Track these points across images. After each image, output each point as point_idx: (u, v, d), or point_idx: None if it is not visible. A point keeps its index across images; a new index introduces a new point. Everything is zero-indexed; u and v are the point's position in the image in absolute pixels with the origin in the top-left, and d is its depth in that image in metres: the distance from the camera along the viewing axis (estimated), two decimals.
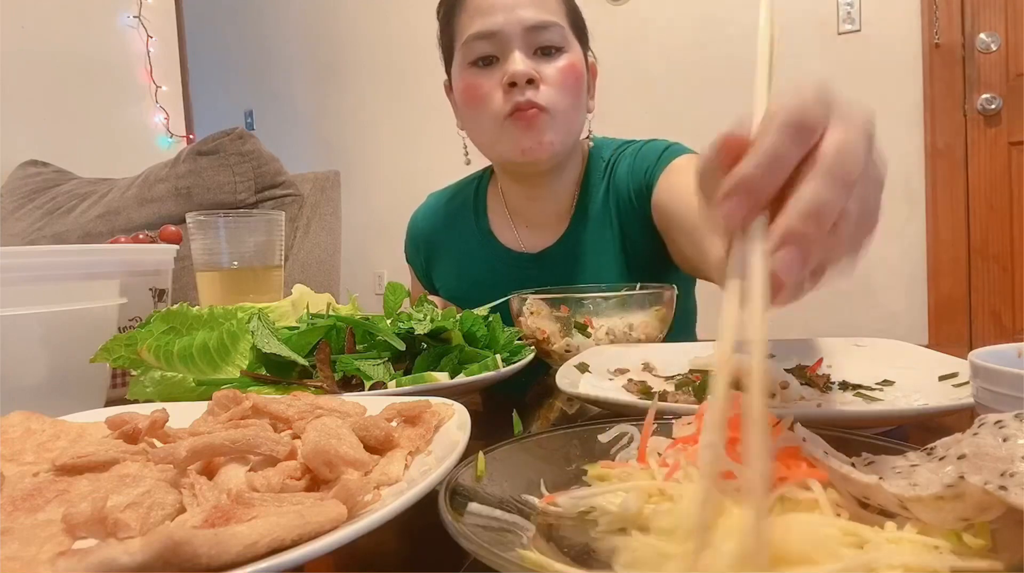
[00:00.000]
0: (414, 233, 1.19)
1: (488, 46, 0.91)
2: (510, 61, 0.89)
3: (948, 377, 0.55)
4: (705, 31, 2.73)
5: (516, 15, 0.89)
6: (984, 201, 2.39)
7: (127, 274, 0.68)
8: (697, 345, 0.75)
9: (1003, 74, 2.34)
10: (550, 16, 0.91)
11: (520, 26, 0.89)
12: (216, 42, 3.97)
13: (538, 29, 0.89)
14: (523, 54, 0.89)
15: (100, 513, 0.27)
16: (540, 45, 0.90)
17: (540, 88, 0.90)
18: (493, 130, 0.94)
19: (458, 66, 0.95)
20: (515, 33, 0.89)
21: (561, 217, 1.04)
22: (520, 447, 0.38)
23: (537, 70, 0.90)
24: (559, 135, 0.93)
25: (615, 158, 1.04)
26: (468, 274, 1.09)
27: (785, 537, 0.26)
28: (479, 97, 0.92)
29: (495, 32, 0.89)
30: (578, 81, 0.93)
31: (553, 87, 0.90)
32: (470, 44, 0.91)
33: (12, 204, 2.17)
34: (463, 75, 0.94)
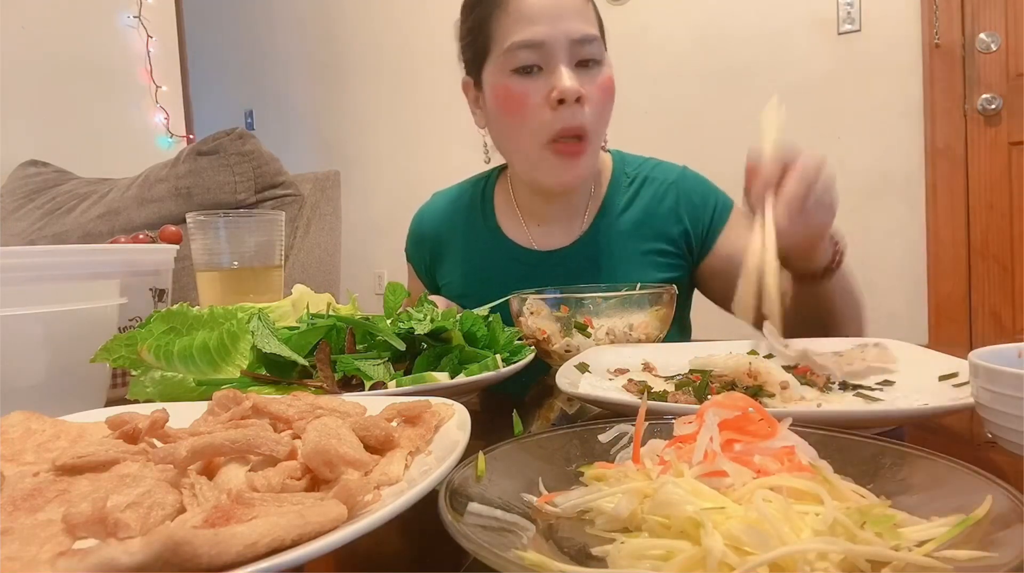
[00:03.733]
0: (418, 230, 1.18)
1: (533, 56, 0.90)
2: (558, 75, 0.89)
3: (948, 377, 0.55)
4: (705, 31, 2.73)
5: (563, 27, 0.89)
6: (984, 201, 2.39)
7: (127, 274, 0.68)
8: (697, 345, 0.75)
9: (1003, 74, 2.34)
10: (592, 29, 0.92)
11: (567, 38, 0.89)
12: (216, 42, 3.98)
13: (583, 42, 0.90)
14: (569, 68, 0.90)
15: (100, 513, 0.27)
16: (582, 58, 0.91)
17: (585, 108, 0.91)
18: (532, 152, 0.95)
19: (497, 70, 0.94)
20: (561, 45, 0.89)
21: (574, 217, 1.05)
22: (520, 447, 0.38)
23: (584, 87, 0.90)
24: (593, 159, 0.97)
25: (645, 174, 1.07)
26: (476, 272, 1.09)
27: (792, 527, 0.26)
28: (522, 108, 0.92)
29: (542, 42, 0.89)
30: (612, 96, 0.95)
31: (595, 106, 0.92)
32: (514, 52, 0.91)
33: (12, 204, 2.17)
34: (504, 81, 0.93)
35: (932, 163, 2.43)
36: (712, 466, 0.31)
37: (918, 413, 0.46)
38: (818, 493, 0.29)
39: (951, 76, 2.39)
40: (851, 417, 0.46)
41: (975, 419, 0.44)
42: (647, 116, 2.82)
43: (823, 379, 0.58)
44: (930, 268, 2.46)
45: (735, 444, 0.33)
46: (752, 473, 0.31)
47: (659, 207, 1.04)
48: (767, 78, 2.63)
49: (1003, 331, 2.36)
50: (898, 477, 0.33)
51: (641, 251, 1.02)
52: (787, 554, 0.25)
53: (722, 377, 0.59)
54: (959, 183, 2.41)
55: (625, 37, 2.81)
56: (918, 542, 0.27)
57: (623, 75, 3.20)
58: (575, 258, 1.04)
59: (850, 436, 0.36)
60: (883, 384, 0.58)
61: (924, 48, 2.41)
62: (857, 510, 0.28)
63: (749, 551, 0.26)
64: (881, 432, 0.48)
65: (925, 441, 0.48)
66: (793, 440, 0.34)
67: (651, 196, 1.04)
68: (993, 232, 2.38)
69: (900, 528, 0.28)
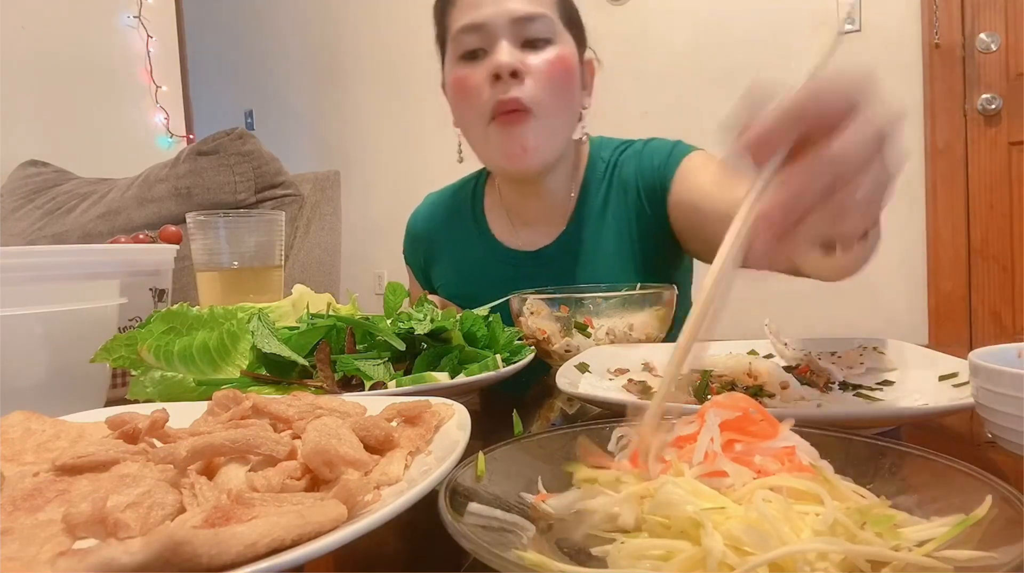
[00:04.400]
0: (413, 233, 1.19)
1: (476, 39, 0.90)
2: (495, 51, 0.89)
3: (948, 377, 0.55)
4: (705, 31, 2.73)
5: (504, 7, 0.89)
6: (984, 201, 2.39)
7: (127, 274, 0.68)
8: (697, 345, 0.75)
9: (1003, 74, 2.34)
10: (538, 8, 0.90)
11: (507, 17, 0.89)
12: (216, 42, 3.97)
13: (526, 20, 0.89)
14: (510, 46, 0.89)
15: (100, 513, 0.27)
16: (528, 37, 0.90)
17: (525, 82, 0.89)
18: (480, 133, 0.94)
19: (449, 61, 0.96)
20: (502, 24, 0.89)
21: (559, 216, 1.04)
22: (520, 447, 0.38)
23: (523, 62, 0.89)
24: (545, 138, 0.92)
25: (616, 158, 1.04)
26: (467, 273, 1.10)
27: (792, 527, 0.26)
28: (466, 90, 0.92)
29: (482, 24, 0.89)
30: (567, 75, 0.92)
31: (539, 82, 0.89)
32: (459, 37, 0.92)
33: (12, 204, 2.17)
34: (454, 69, 0.94)
35: (932, 163, 2.43)
36: (712, 466, 0.31)
37: (918, 413, 0.46)
38: (818, 493, 0.29)
39: (951, 76, 2.39)
40: (851, 417, 0.46)
41: (975, 419, 0.44)
42: (647, 116, 2.82)
43: (823, 379, 0.58)
44: (930, 268, 2.46)
45: (736, 444, 0.33)
46: (752, 473, 0.31)
47: (627, 190, 1.01)
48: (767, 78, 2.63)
49: (1003, 331, 2.36)
50: (898, 477, 0.33)
51: (621, 240, 1.01)
52: (787, 554, 0.25)
53: (722, 377, 0.59)
54: (959, 183, 2.41)
55: (625, 37, 2.81)
56: (918, 542, 0.27)
57: (623, 75, 3.19)
58: (559, 257, 1.03)
59: (850, 436, 0.36)
60: (883, 384, 0.58)
61: (924, 48, 2.41)
62: (857, 510, 0.28)
63: (749, 551, 0.26)
64: (881, 432, 0.48)
65: (925, 441, 0.48)
66: (793, 440, 0.34)
67: (620, 182, 1.02)
68: (993, 232, 2.38)
69: (900, 528, 0.28)
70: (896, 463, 0.34)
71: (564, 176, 1.03)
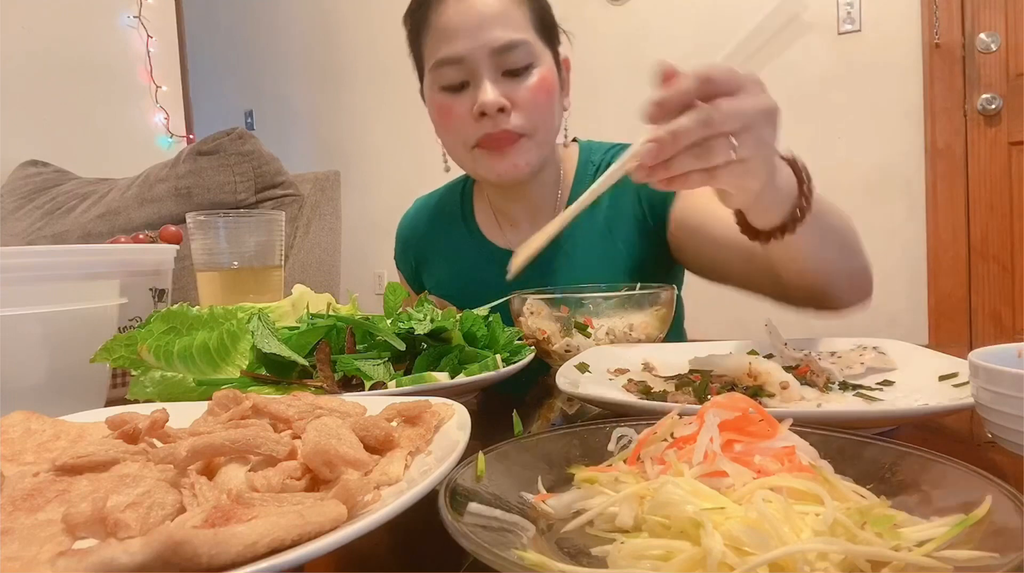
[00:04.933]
0: (403, 237, 1.20)
1: (456, 73, 0.90)
2: (480, 90, 0.89)
3: (948, 377, 0.55)
4: (705, 31, 2.73)
5: (482, 39, 0.87)
6: (984, 201, 2.39)
7: (127, 274, 0.68)
8: (697, 345, 0.75)
9: (1003, 74, 2.34)
10: (516, 34, 0.89)
11: (487, 50, 0.88)
12: (216, 42, 3.97)
13: (504, 52, 0.88)
14: (492, 78, 0.89)
15: (100, 513, 0.27)
16: (508, 67, 0.89)
17: (512, 115, 0.90)
18: (465, 156, 0.96)
19: (429, 86, 0.95)
20: (482, 57, 0.88)
21: (546, 215, 1.04)
22: (520, 447, 0.38)
23: (508, 95, 0.89)
24: (535, 154, 0.94)
25: (609, 160, 1.04)
26: (458, 273, 1.10)
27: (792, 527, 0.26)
28: (450, 120, 0.93)
29: (462, 58, 0.88)
30: (550, 94, 0.93)
31: (525, 109, 0.90)
32: (439, 70, 0.91)
33: (12, 204, 2.17)
34: (435, 96, 0.94)
35: (932, 163, 2.43)
36: (712, 466, 0.31)
37: (918, 413, 0.46)
38: (818, 493, 0.29)
39: (951, 76, 2.39)
40: (851, 417, 0.46)
41: (975, 419, 0.44)
42: None
43: (823, 379, 0.58)
44: (930, 268, 2.46)
45: (735, 444, 0.33)
46: (752, 473, 0.31)
47: (621, 191, 1.01)
48: (767, 78, 2.63)
49: (1003, 331, 2.36)
50: (898, 477, 0.33)
51: (612, 239, 1.01)
52: (787, 554, 0.25)
53: (722, 377, 0.59)
54: (959, 183, 2.41)
55: (625, 37, 2.81)
56: (918, 542, 0.27)
57: (623, 75, 3.20)
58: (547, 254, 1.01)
59: (850, 436, 0.36)
60: (883, 384, 0.58)
61: (924, 48, 2.41)
62: (857, 510, 0.28)
63: (749, 551, 0.26)
64: (881, 432, 0.48)
65: (925, 441, 0.48)
66: (793, 440, 0.34)
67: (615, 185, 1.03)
68: (993, 232, 2.38)
69: (900, 528, 0.28)
70: (896, 463, 0.34)
71: (548, 178, 1.04)
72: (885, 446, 0.35)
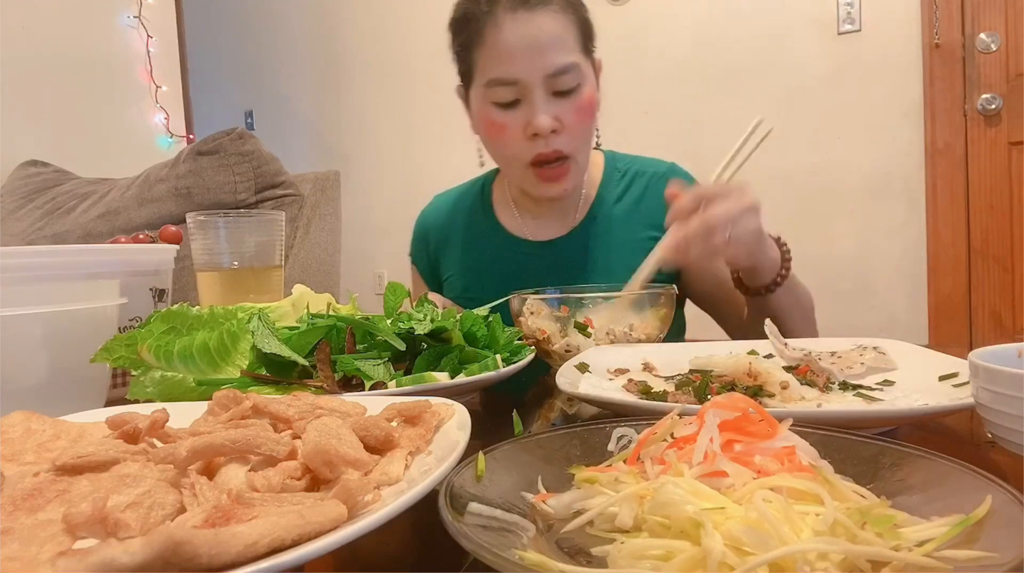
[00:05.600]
0: (422, 230, 1.21)
1: (509, 92, 0.94)
2: (533, 111, 0.93)
3: (948, 377, 0.55)
4: (705, 31, 2.73)
5: (538, 63, 0.92)
6: (984, 201, 2.39)
7: (127, 274, 0.68)
8: (697, 345, 0.75)
9: (1003, 74, 2.34)
10: (568, 57, 0.93)
11: (541, 74, 0.92)
12: (216, 42, 3.97)
13: (558, 75, 0.93)
14: (544, 99, 0.93)
15: (100, 513, 0.27)
16: (558, 89, 0.94)
17: (562, 135, 0.95)
18: (516, 171, 1.00)
19: (479, 98, 0.98)
20: (536, 81, 0.92)
21: (567, 211, 1.09)
22: (520, 447, 0.38)
23: (558, 116, 0.94)
24: (579, 176, 1.02)
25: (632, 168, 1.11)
26: (476, 264, 1.13)
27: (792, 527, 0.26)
28: (502, 136, 0.97)
29: (517, 80, 0.93)
30: (593, 113, 0.98)
31: (574, 130, 0.96)
32: (492, 87, 0.95)
33: (12, 204, 2.17)
34: (486, 111, 0.97)
35: (932, 163, 2.43)
36: (712, 466, 0.31)
37: (918, 413, 0.46)
38: (818, 493, 0.29)
39: (951, 76, 2.39)
40: (851, 417, 0.46)
41: (975, 419, 0.44)
42: (647, 117, 2.82)
43: (823, 379, 0.58)
44: (930, 268, 2.46)
45: (735, 444, 0.33)
46: (752, 473, 0.31)
47: (650, 197, 1.08)
48: (767, 78, 2.63)
49: (1003, 331, 2.36)
50: (898, 477, 0.33)
51: (634, 239, 1.05)
52: (787, 554, 0.25)
53: (722, 377, 0.59)
54: (959, 183, 2.41)
55: (625, 38, 2.81)
56: (918, 542, 0.27)
57: (623, 76, 3.20)
58: (570, 248, 1.07)
59: (850, 436, 0.36)
60: (883, 384, 0.58)
61: (924, 48, 2.41)
62: (857, 510, 0.28)
63: (749, 551, 0.26)
64: (881, 432, 0.48)
65: (925, 441, 0.48)
66: (793, 440, 0.34)
67: (643, 187, 1.09)
68: (993, 232, 2.38)
69: (900, 528, 0.28)
70: (896, 463, 0.34)
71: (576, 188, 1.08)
72: (885, 446, 0.35)
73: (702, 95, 2.75)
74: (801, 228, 2.48)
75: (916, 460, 0.33)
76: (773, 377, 0.55)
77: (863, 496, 0.31)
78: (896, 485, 0.33)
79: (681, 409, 0.39)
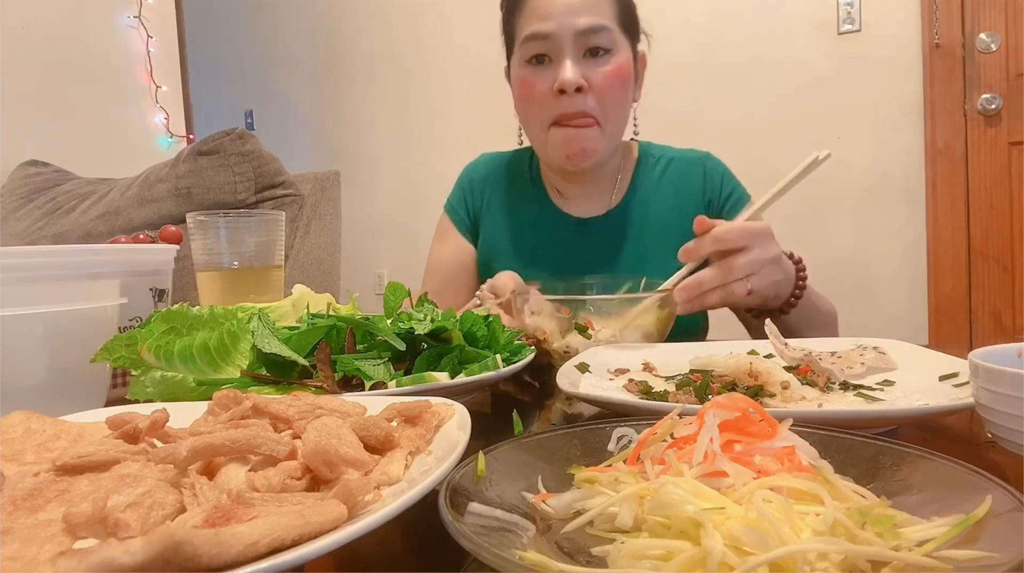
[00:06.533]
0: (469, 181, 1.23)
1: (541, 46, 0.99)
2: (561, 67, 0.97)
3: (948, 377, 0.55)
4: (705, 31, 2.73)
5: (569, 20, 0.96)
6: (984, 201, 2.39)
7: (127, 274, 0.68)
8: (697, 345, 0.75)
9: (1003, 74, 2.34)
10: (601, 20, 0.98)
11: (572, 30, 0.96)
12: (216, 42, 3.97)
13: (588, 33, 0.97)
14: (574, 58, 0.97)
15: (100, 513, 0.27)
16: (589, 47, 0.98)
17: (588, 95, 0.97)
18: (540, 132, 1.03)
19: (516, 62, 1.04)
20: (567, 36, 0.97)
21: (604, 193, 1.13)
22: (520, 447, 0.38)
23: (586, 76, 0.97)
24: (604, 142, 1.02)
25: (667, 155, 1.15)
26: (518, 226, 1.15)
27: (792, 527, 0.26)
28: (531, 94, 1.01)
29: (549, 34, 0.97)
30: (625, 82, 1.01)
31: (601, 93, 0.98)
32: (527, 44, 1.00)
33: (12, 204, 2.17)
34: (520, 70, 1.03)
35: (932, 163, 2.43)
36: (712, 466, 0.31)
37: (918, 413, 0.46)
38: (818, 493, 0.29)
39: (951, 76, 2.39)
40: (851, 417, 0.46)
41: (975, 419, 0.44)
42: (647, 117, 2.79)
43: (824, 379, 0.58)
44: (930, 268, 2.46)
45: (735, 444, 0.33)
46: (752, 473, 0.31)
47: (687, 181, 1.12)
48: (767, 78, 2.63)
49: (1003, 331, 2.36)
50: (898, 477, 0.33)
51: (668, 223, 1.09)
52: (787, 554, 0.25)
53: (723, 377, 0.59)
54: (959, 183, 2.41)
55: None
56: (918, 542, 0.27)
57: None
58: (610, 227, 1.11)
59: (850, 436, 0.36)
60: (883, 384, 0.58)
61: (924, 48, 2.41)
62: (857, 510, 0.28)
63: (749, 551, 0.26)
64: (881, 432, 0.48)
65: (925, 441, 0.48)
66: (793, 440, 0.34)
67: (680, 172, 1.13)
68: (993, 232, 2.38)
69: (900, 528, 0.28)
70: (896, 463, 0.34)
71: (611, 167, 1.12)
72: (885, 446, 0.35)
73: (702, 95, 2.75)
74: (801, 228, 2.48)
75: (916, 460, 0.33)
76: (774, 377, 0.55)
77: (863, 496, 0.31)
78: (896, 485, 0.33)
79: (681, 409, 0.39)
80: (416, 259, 1.27)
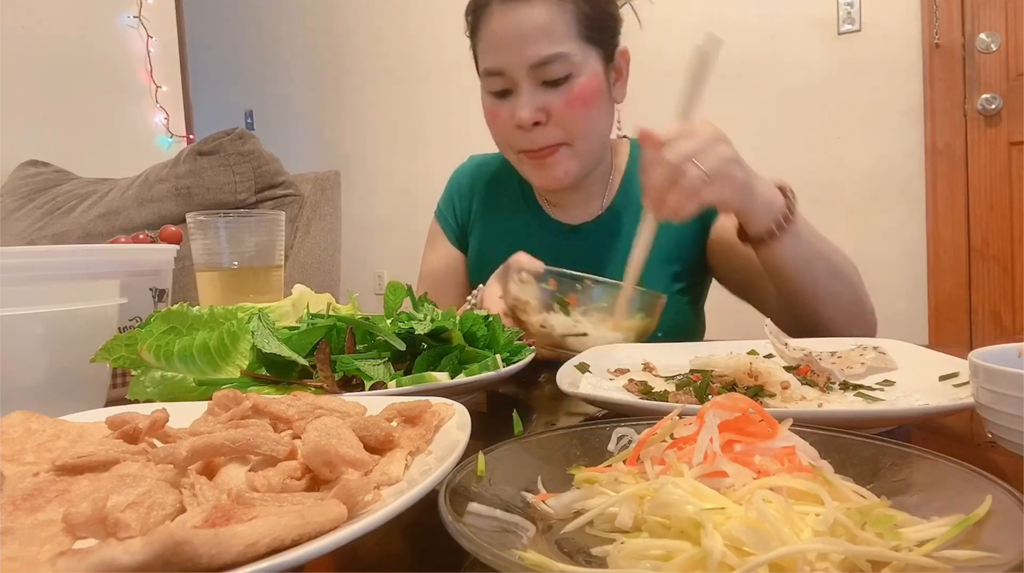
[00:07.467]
0: (458, 186, 1.21)
1: (500, 81, 0.95)
2: (518, 105, 0.93)
3: (948, 377, 0.55)
4: (705, 31, 2.73)
5: (521, 54, 0.92)
6: (984, 201, 2.39)
7: (127, 274, 0.68)
8: (697, 345, 0.75)
9: (1003, 74, 2.34)
10: (554, 48, 0.91)
11: (525, 64, 0.92)
12: (216, 42, 3.97)
13: (540, 66, 0.92)
14: (530, 90, 0.93)
15: (100, 513, 0.27)
16: (547, 79, 0.93)
17: (549, 125, 0.94)
18: (512, 157, 1.01)
19: (482, 90, 1.00)
20: (520, 71, 0.93)
21: (593, 197, 1.10)
22: (520, 447, 0.38)
23: (546, 106, 0.93)
24: (579, 160, 0.99)
25: None
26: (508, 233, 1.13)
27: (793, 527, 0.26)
28: (496, 125, 0.99)
29: (503, 70, 0.94)
30: (590, 102, 0.96)
31: (564, 119, 0.94)
32: (486, 78, 0.97)
33: (12, 204, 2.17)
34: (485, 100, 1.00)
35: (932, 163, 2.43)
36: (712, 467, 0.31)
37: (918, 413, 0.46)
38: (818, 493, 0.29)
39: (951, 76, 2.39)
40: (851, 417, 0.46)
41: (975, 419, 0.44)
42: (647, 117, 2.81)
43: (824, 379, 0.58)
44: (930, 268, 2.46)
45: (735, 445, 0.33)
46: (752, 474, 0.31)
47: None
48: (767, 78, 2.63)
49: (1003, 331, 2.36)
50: (898, 477, 0.33)
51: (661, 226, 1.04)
52: (787, 554, 0.25)
53: (723, 377, 0.59)
54: (959, 183, 2.41)
55: (625, 37, 2.81)
56: (918, 542, 0.27)
57: None
58: (598, 232, 1.08)
59: (850, 436, 0.36)
60: (883, 384, 0.58)
61: (924, 48, 2.41)
62: (857, 510, 0.28)
63: (749, 551, 0.26)
64: (881, 432, 0.48)
65: (925, 441, 0.48)
66: (793, 440, 0.34)
67: None
68: (993, 232, 2.38)
69: (900, 528, 0.28)
70: (896, 463, 0.34)
71: (600, 172, 1.08)
72: (885, 446, 0.35)
73: None
74: None
75: (916, 460, 0.33)
76: (774, 377, 0.55)
77: (863, 496, 0.31)
78: (896, 485, 0.33)
79: (681, 409, 0.39)
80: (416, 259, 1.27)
